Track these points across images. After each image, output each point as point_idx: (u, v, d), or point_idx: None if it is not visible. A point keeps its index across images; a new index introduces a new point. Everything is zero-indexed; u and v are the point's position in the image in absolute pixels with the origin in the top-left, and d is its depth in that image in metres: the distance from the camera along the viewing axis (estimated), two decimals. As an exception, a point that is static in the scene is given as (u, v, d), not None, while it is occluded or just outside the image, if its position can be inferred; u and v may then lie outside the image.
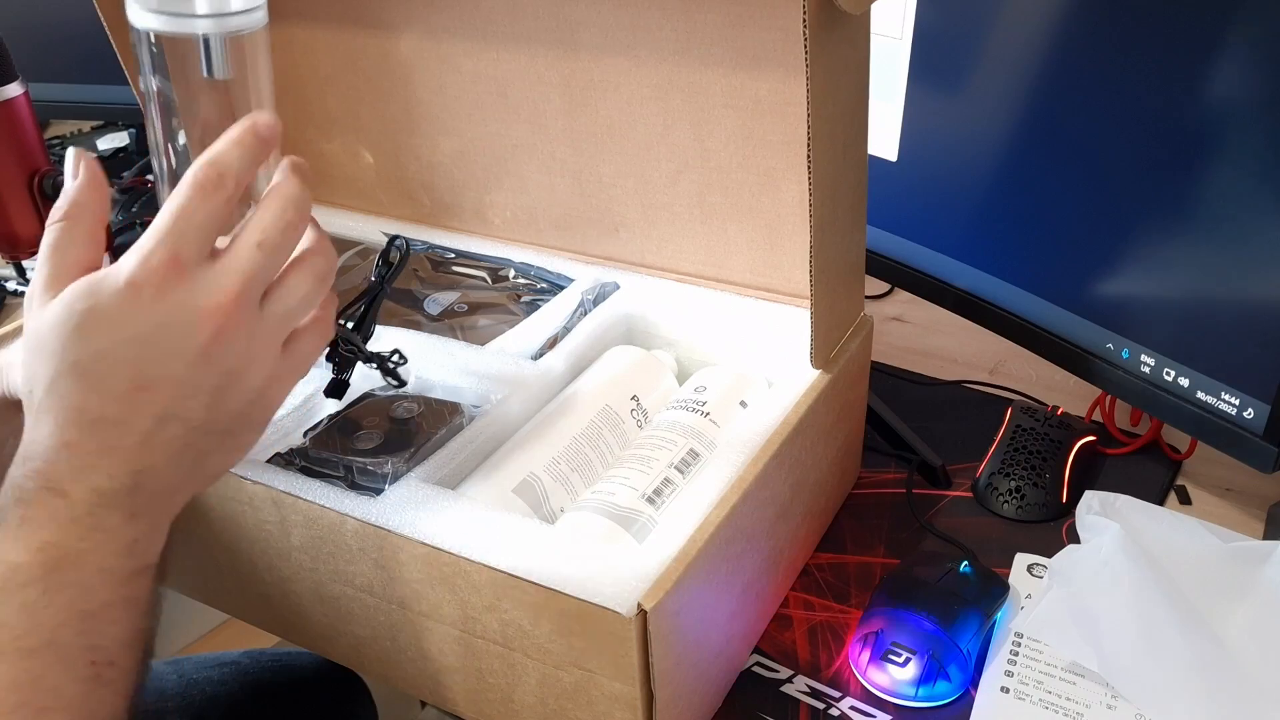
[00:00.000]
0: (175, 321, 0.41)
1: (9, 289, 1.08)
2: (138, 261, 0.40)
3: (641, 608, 0.47)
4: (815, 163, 0.54)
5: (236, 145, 0.43)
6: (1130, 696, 0.57)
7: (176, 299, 0.40)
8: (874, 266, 0.81)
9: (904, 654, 0.58)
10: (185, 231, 0.41)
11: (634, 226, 0.75)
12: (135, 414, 0.41)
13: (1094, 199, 0.67)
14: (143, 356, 0.41)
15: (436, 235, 0.85)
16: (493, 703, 0.57)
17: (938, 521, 0.73)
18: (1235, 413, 0.62)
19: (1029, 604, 0.64)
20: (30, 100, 0.91)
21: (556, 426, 0.63)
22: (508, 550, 0.51)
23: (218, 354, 0.42)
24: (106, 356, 0.40)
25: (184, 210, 0.41)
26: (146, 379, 0.41)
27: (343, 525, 0.55)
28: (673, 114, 0.68)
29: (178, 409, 0.42)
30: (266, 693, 0.82)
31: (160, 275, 0.40)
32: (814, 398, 0.62)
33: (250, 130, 0.43)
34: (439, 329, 0.73)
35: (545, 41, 0.70)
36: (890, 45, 0.74)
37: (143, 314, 0.40)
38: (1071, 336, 0.71)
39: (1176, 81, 0.60)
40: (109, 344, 0.40)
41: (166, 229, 0.41)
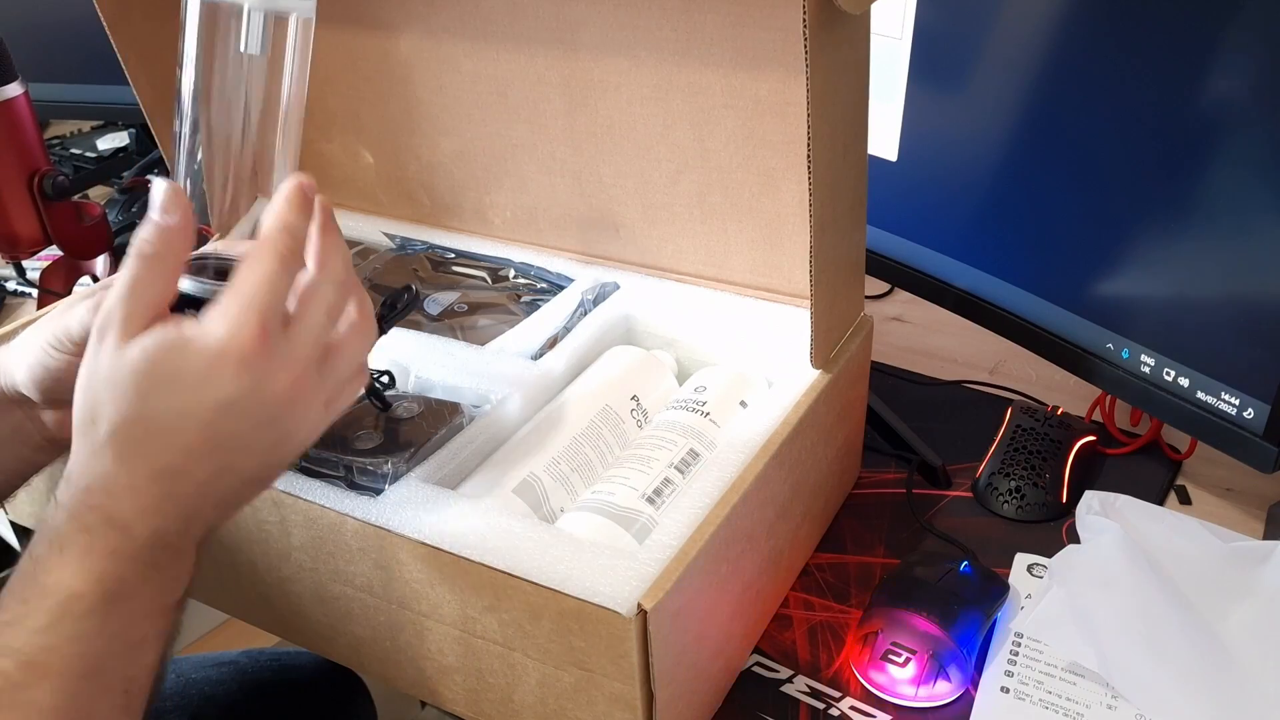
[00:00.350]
0: (256, 390, 0.42)
1: (9, 289, 1.08)
2: (230, 330, 0.42)
3: (641, 608, 0.47)
4: (815, 163, 0.54)
5: (299, 210, 0.45)
6: (1130, 696, 0.57)
7: (260, 368, 0.42)
8: (874, 266, 0.81)
9: (904, 654, 0.58)
10: (272, 303, 0.43)
11: (634, 226, 0.75)
12: (199, 467, 0.43)
13: (1094, 199, 0.67)
14: (218, 419, 0.42)
15: (436, 235, 0.85)
16: (493, 703, 0.57)
17: (938, 521, 0.73)
18: (1235, 413, 0.62)
19: (1029, 604, 0.64)
20: (30, 100, 0.91)
21: (556, 426, 0.63)
22: (508, 550, 0.51)
23: (283, 418, 0.44)
24: (185, 415, 0.42)
25: (271, 280, 0.43)
26: (218, 439, 0.42)
27: (343, 525, 0.55)
28: (673, 114, 0.68)
29: (236, 464, 0.44)
30: (265, 692, 0.82)
31: (250, 347, 0.42)
32: (814, 398, 0.62)
33: (299, 190, 0.45)
34: (439, 329, 0.73)
35: (545, 41, 0.70)
36: (890, 45, 0.74)
37: (228, 380, 0.42)
38: (1071, 336, 0.71)
39: (1176, 81, 0.60)
40: (190, 404, 0.42)
41: (256, 298, 0.42)
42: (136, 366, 0.41)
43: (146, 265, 0.43)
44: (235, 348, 0.42)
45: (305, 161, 0.94)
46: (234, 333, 0.42)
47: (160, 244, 0.43)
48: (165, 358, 0.41)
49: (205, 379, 0.42)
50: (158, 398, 0.41)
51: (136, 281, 0.43)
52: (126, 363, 0.42)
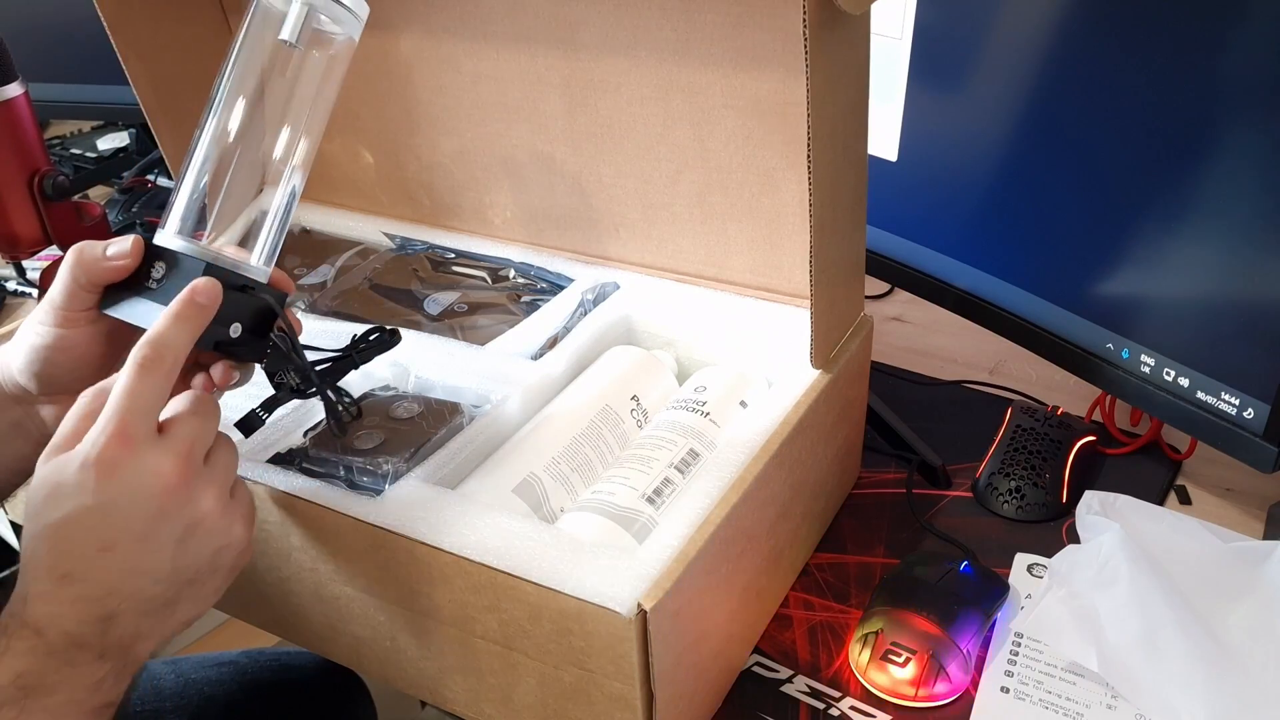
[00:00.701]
0: (131, 489, 0.45)
1: (9, 289, 1.08)
2: (91, 442, 0.45)
3: (641, 608, 0.47)
4: (815, 163, 0.54)
5: (176, 321, 0.47)
6: (1130, 696, 0.57)
7: (131, 469, 0.45)
8: (874, 266, 0.81)
9: (904, 654, 0.58)
10: (131, 409, 0.45)
11: (634, 226, 0.75)
12: (101, 571, 0.45)
13: (1094, 199, 0.67)
14: (104, 523, 0.45)
15: (436, 235, 0.85)
16: (493, 703, 0.57)
17: (938, 521, 0.73)
18: (1235, 413, 0.62)
19: (1029, 604, 0.64)
20: (30, 100, 0.91)
21: (556, 426, 0.63)
22: (508, 550, 0.51)
23: (174, 512, 0.46)
24: (70, 524, 0.45)
25: (130, 390, 0.45)
26: (109, 541, 0.45)
27: (343, 525, 0.55)
28: (673, 114, 0.68)
29: (142, 564, 0.46)
30: (265, 693, 0.82)
31: (112, 451, 0.45)
32: (814, 398, 0.62)
33: (189, 302, 0.48)
34: (439, 329, 0.73)
35: (545, 41, 0.70)
36: (890, 45, 0.74)
37: (100, 486, 0.44)
38: (1071, 336, 0.71)
39: (1176, 81, 0.60)
40: (72, 513, 0.45)
41: (115, 409, 0.45)
42: (35, 488, 0.46)
43: (76, 406, 0.47)
44: (97, 455, 0.45)
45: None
46: (94, 441, 0.45)
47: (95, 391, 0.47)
48: (51, 476, 0.45)
49: (81, 487, 0.45)
50: (48, 511, 0.45)
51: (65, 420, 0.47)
52: (33, 487, 0.46)
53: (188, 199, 0.52)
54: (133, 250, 0.50)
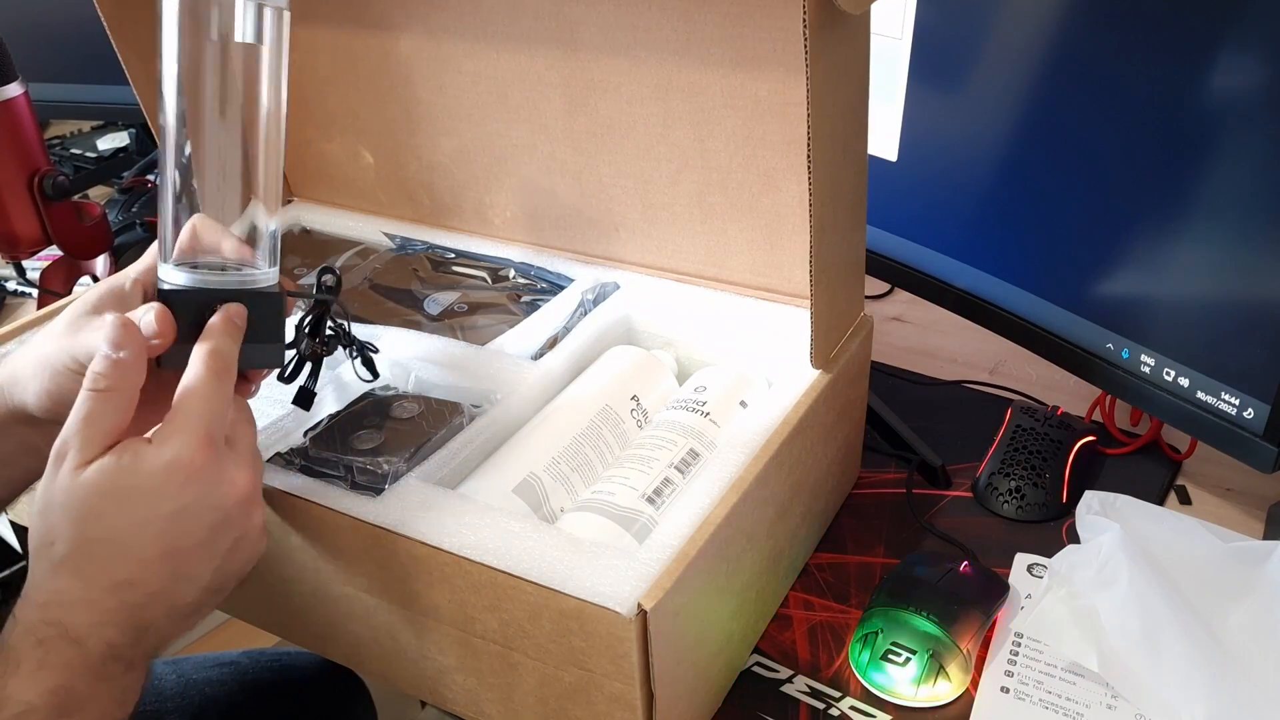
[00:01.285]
0: (209, 493, 0.46)
1: (9, 289, 1.08)
2: (179, 444, 0.45)
3: (641, 608, 0.47)
4: (815, 163, 0.54)
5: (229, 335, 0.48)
6: (1130, 696, 0.57)
7: (213, 472, 0.46)
8: (874, 266, 0.81)
9: (904, 654, 0.58)
10: (214, 417, 0.46)
11: (634, 226, 0.75)
12: (154, 576, 0.45)
13: (1094, 199, 0.67)
14: (177, 525, 0.45)
15: (436, 235, 0.85)
16: (493, 702, 0.57)
17: (938, 521, 0.73)
18: (1235, 413, 0.62)
19: (1029, 604, 0.64)
20: (30, 100, 0.91)
21: (556, 426, 0.63)
22: (508, 550, 0.51)
23: (237, 520, 0.47)
24: (144, 528, 0.45)
25: (209, 396, 0.47)
26: (172, 548, 0.46)
27: (342, 525, 0.55)
28: (673, 114, 0.68)
29: (191, 571, 0.46)
30: (266, 693, 0.82)
31: (201, 456, 0.45)
32: (814, 398, 0.62)
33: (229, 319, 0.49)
34: (439, 329, 0.73)
35: (545, 41, 0.70)
36: (890, 45, 0.74)
37: (181, 491, 0.45)
38: (1071, 336, 0.71)
39: (1176, 82, 0.60)
40: (145, 516, 0.45)
41: (199, 414, 0.46)
42: (96, 486, 0.44)
43: (101, 400, 0.46)
44: (184, 461, 0.45)
45: (306, 161, 0.95)
46: (181, 447, 0.45)
47: (115, 378, 0.46)
48: (119, 477, 0.44)
49: (158, 492, 0.45)
50: (114, 515, 0.44)
51: (91, 414, 0.45)
52: (81, 485, 0.44)
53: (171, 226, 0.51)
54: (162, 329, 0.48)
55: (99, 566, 0.45)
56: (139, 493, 0.44)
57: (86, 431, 0.45)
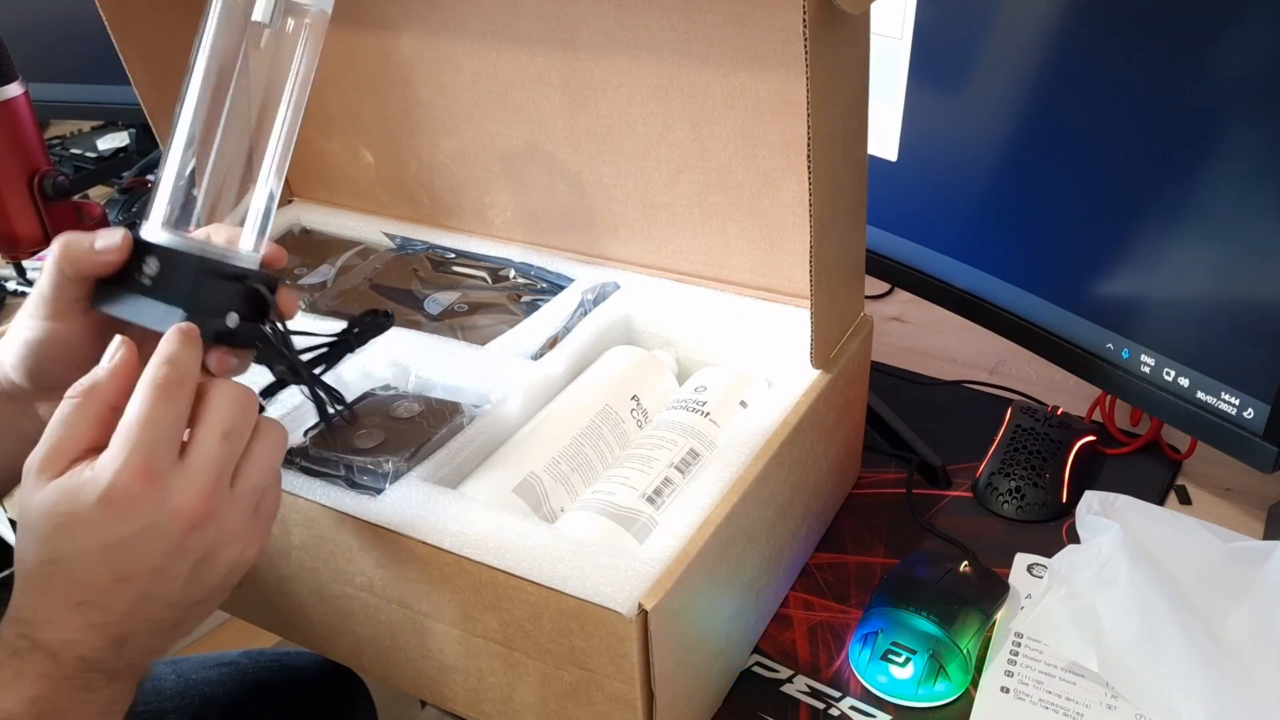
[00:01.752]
0: (151, 525, 0.43)
1: (9, 289, 1.08)
2: (112, 474, 0.42)
3: (642, 608, 0.47)
4: (815, 163, 0.54)
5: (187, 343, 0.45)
6: (1130, 696, 0.57)
7: (152, 504, 0.43)
8: (874, 266, 0.81)
9: (904, 654, 0.58)
10: (155, 439, 0.43)
11: (634, 226, 0.75)
12: (115, 600, 0.44)
13: (1094, 199, 0.67)
14: (121, 556, 0.43)
15: (436, 235, 0.85)
16: (493, 702, 0.57)
17: (938, 521, 0.73)
18: (1235, 413, 0.62)
19: (1029, 604, 0.64)
20: (30, 100, 0.91)
21: (556, 426, 0.63)
22: (508, 550, 0.51)
23: (193, 544, 0.44)
24: (86, 557, 0.43)
25: (150, 416, 0.43)
26: (125, 573, 0.44)
27: (343, 525, 0.55)
28: (673, 114, 0.68)
29: (156, 592, 0.45)
30: (266, 693, 0.82)
31: (136, 487, 0.42)
32: (814, 398, 0.62)
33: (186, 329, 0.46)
34: (439, 329, 0.73)
35: (545, 41, 0.70)
36: (890, 45, 0.74)
37: (119, 523, 0.43)
38: (1071, 336, 0.71)
39: (1175, 82, 0.60)
40: (88, 546, 0.43)
41: (137, 439, 0.43)
42: (42, 511, 0.43)
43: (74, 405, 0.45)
44: (120, 488, 0.42)
45: (306, 161, 0.95)
46: (118, 473, 0.42)
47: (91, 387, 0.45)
48: (62, 504, 0.43)
49: (97, 524, 0.43)
50: (60, 541, 0.43)
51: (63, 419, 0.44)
52: (35, 506, 0.44)
53: (170, 190, 0.51)
54: (122, 244, 0.49)
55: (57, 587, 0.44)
56: (78, 521, 0.43)
57: (55, 437, 0.44)
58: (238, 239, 0.51)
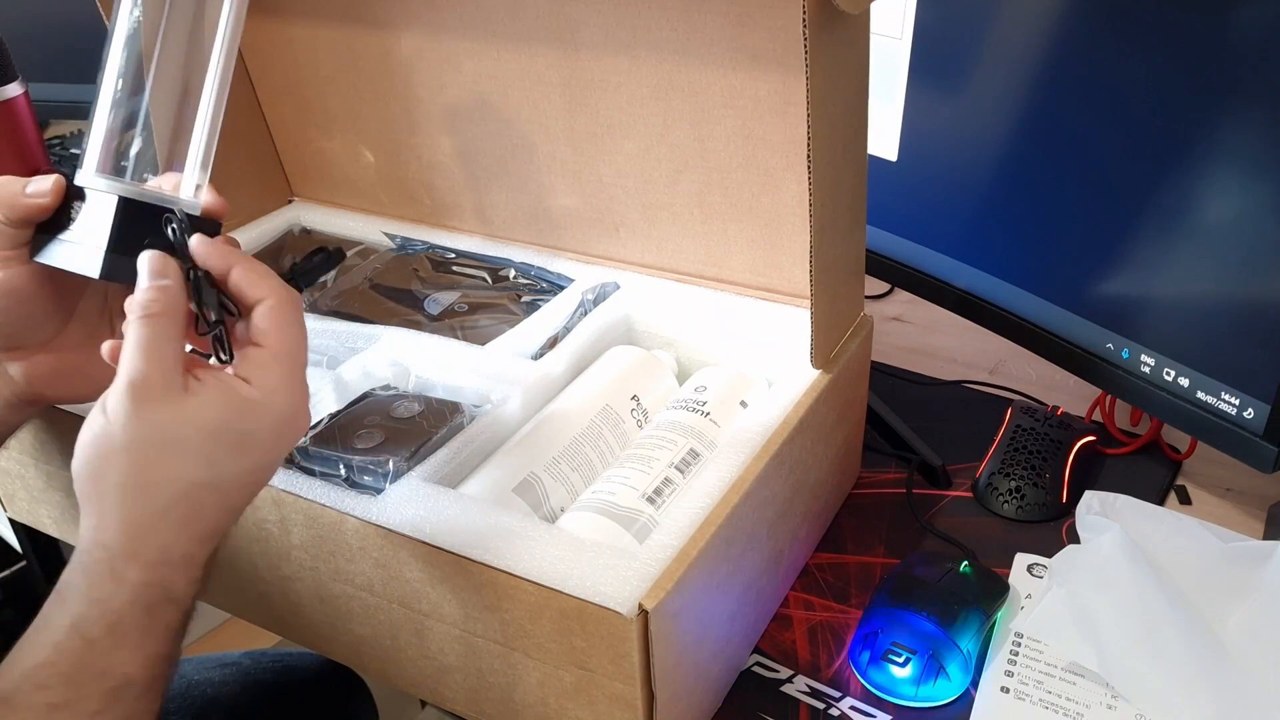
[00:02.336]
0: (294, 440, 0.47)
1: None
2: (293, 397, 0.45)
3: (642, 608, 0.47)
4: (815, 163, 0.54)
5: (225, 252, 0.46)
6: (1130, 696, 0.57)
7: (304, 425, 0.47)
8: (874, 266, 0.81)
9: (904, 654, 0.58)
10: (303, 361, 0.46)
11: (634, 226, 0.75)
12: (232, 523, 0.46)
13: (1094, 199, 0.67)
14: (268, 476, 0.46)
15: (436, 235, 0.85)
16: (493, 702, 0.57)
17: (938, 521, 0.73)
18: (1235, 413, 0.62)
19: (1029, 604, 0.64)
20: (30, 100, 0.91)
21: (556, 426, 0.63)
22: (508, 550, 0.51)
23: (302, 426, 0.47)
24: (248, 474, 0.45)
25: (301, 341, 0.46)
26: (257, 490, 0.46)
27: (343, 524, 0.55)
28: (673, 114, 0.68)
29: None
30: (267, 693, 0.82)
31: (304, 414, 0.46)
32: (814, 398, 0.62)
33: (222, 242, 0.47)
34: (439, 329, 0.73)
35: (545, 41, 0.70)
36: (890, 45, 0.74)
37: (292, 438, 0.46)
38: (1071, 336, 0.71)
39: (1175, 82, 0.60)
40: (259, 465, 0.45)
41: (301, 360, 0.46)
42: (204, 428, 0.42)
43: (159, 323, 0.44)
44: (303, 409, 0.45)
45: (306, 161, 0.95)
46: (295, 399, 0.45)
47: (166, 302, 0.44)
48: (233, 422, 0.43)
49: (276, 442, 0.45)
50: (231, 461, 0.43)
51: (155, 340, 0.43)
52: (189, 423, 0.42)
53: (104, 135, 0.50)
54: (53, 188, 0.49)
55: (203, 517, 0.43)
56: (258, 442, 0.43)
57: (158, 362, 0.43)
58: (179, 186, 0.50)
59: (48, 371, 0.54)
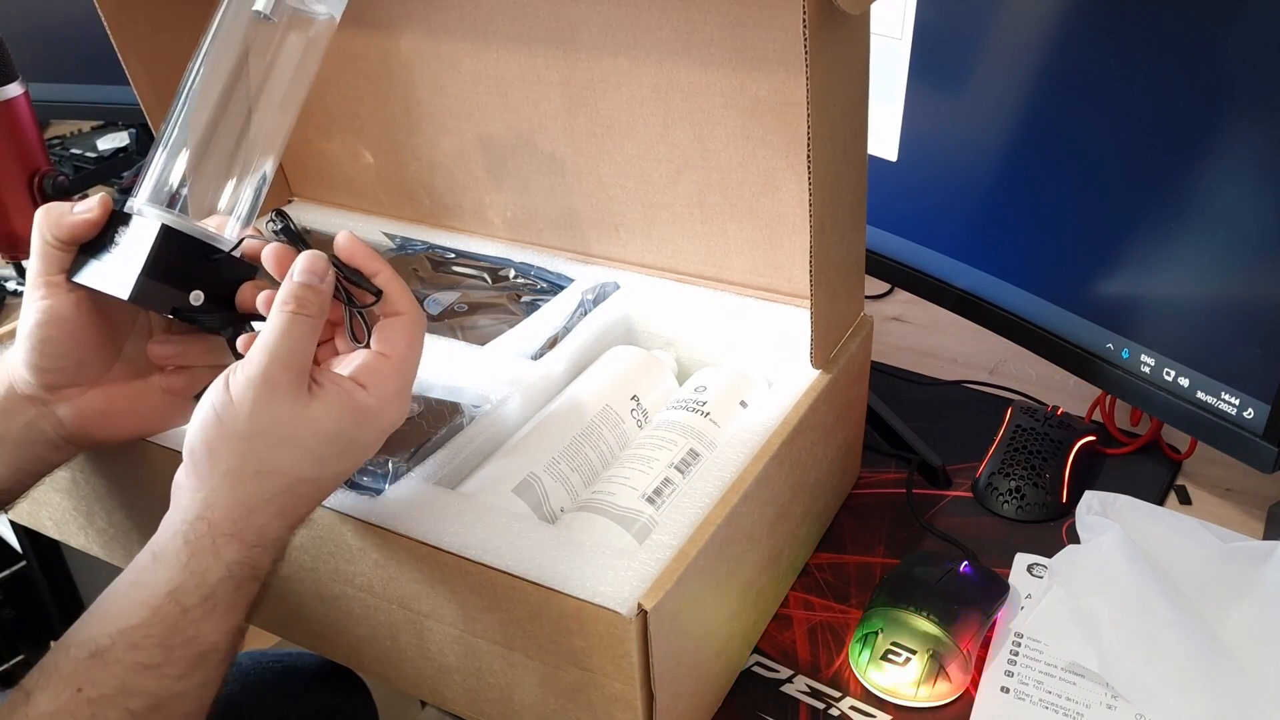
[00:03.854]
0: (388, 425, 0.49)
1: (9, 289, 1.08)
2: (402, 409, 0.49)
3: (642, 608, 0.47)
4: (815, 163, 0.54)
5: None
6: (1130, 696, 0.57)
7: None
8: (874, 266, 0.81)
9: (904, 654, 0.58)
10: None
11: (634, 226, 0.75)
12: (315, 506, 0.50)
13: (1093, 199, 0.67)
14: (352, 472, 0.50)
15: (436, 235, 0.85)
16: (493, 702, 0.57)
17: (938, 521, 0.73)
18: (1235, 413, 0.62)
19: (1029, 604, 0.64)
20: (30, 100, 0.91)
21: (556, 426, 0.63)
22: (508, 550, 0.51)
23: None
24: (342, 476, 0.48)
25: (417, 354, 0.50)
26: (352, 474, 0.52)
27: (343, 525, 0.55)
28: (673, 114, 0.68)
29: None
30: (267, 693, 0.82)
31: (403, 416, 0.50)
32: (814, 398, 0.62)
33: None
34: (439, 329, 0.73)
35: (545, 41, 0.70)
36: (890, 45, 0.74)
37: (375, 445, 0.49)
38: (1071, 336, 0.71)
39: (1175, 82, 0.60)
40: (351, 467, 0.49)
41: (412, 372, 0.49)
42: (323, 432, 0.45)
43: (307, 324, 0.46)
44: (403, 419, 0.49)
45: (306, 161, 0.94)
46: (405, 410, 0.49)
47: (317, 307, 0.46)
48: (348, 428, 0.46)
49: (375, 444, 0.48)
50: (337, 462, 0.46)
51: (299, 338, 0.46)
52: (310, 425, 0.45)
53: (161, 169, 0.51)
54: (99, 205, 0.50)
55: (300, 508, 0.46)
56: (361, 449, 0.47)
57: (293, 356, 0.45)
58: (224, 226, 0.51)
59: (95, 412, 0.55)
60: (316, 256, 0.47)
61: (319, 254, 0.47)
